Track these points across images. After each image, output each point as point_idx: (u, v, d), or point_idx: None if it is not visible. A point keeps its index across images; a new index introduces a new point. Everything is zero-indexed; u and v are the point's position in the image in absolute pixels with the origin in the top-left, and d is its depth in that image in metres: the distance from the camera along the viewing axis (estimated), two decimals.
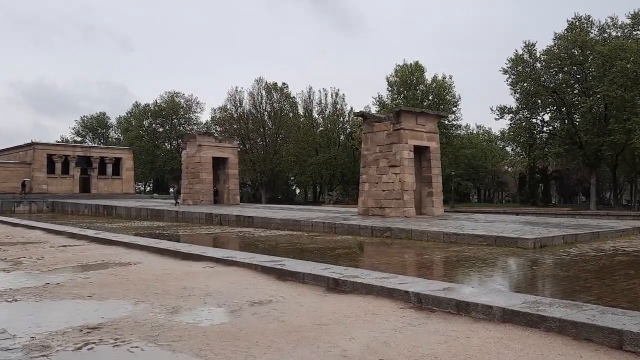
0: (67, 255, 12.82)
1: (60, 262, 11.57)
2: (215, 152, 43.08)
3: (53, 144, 61.14)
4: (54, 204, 46.53)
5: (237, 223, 28.05)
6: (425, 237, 19.30)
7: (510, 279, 9.87)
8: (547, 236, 17.52)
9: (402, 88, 69.08)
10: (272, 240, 19.03)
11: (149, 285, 8.50)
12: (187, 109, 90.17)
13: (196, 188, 42.30)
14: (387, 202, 28.23)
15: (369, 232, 21.34)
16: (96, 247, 14.66)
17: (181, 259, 11.57)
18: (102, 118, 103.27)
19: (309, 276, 8.35)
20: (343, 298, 7.31)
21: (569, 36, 52.26)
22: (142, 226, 28.32)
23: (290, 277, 8.71)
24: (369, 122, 29.94)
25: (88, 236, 16.80)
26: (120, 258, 12.13)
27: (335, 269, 8.88)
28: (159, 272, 9.80)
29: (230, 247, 16.29)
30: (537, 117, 56.41)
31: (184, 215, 32.60)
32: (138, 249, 13.42)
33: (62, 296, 7.79)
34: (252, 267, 9.69)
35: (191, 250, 12.03)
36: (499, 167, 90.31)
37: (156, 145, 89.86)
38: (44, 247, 14.60)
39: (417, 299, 6.61)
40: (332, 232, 22.85)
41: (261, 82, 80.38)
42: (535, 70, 53.76)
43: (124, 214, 37.89)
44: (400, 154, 27.97)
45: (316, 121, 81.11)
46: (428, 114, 29.33)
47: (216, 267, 10.12)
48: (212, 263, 10.59)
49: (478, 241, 17.73)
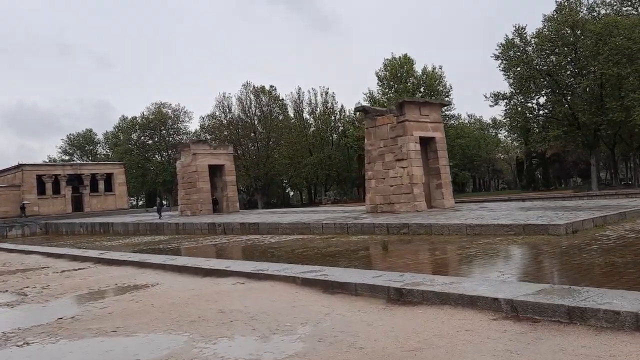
0: (75, 281, 11.63)
1: (68, 289, 10.40)
2: (210, 159, 41.85)
3: (42, 164, 59.53)
4: (47, 226, 45.02)
5: (242, 231, 26.96)
6: (447, 231, 18.36)
7: (581, 271, 8.80)
8: (577, 220, 16.65)
9: (393, 82, 68.11)
10: (285, 247, 17.97)
11: (180, 311, 7.38)
12: (175, 119, 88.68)
13: (194, 198, 41.04)
14: (397, 198, 27.25)
15: (385, 230, 20.36)
16: (103, 269, 13.46)
17: (203, 276, 10.44)
18: (89, 135, 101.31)
19: (362, 287, 7.27)
20: (414, 312, 6.25)
21: (558, 17, 51.58)
22: (143, 242, 27.10)
23: (339, 289, 7.63)
24: (371, 116, 28.94)
25: (92, 257, 15.55)
26: (134, 280, 10.98)
27: (389, 275, 7.81)
28: (185, 293, 8.67)
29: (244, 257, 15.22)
30: (532, 101, 55.72)
31: (184, 227, 31.40)
32: (152, 268, 12.25)
33: (81, 334, 6.64)
34: (290, 280, 8.58)
35: (213, 265, 10.89)
36: (493, 155, 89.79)
37: (146, 158, 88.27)
38: (47, 274, 13.39)
39: (510, 307, 5.57)
40: (345, 232, 21.86)
41: (249, 86, 79.19)
42: (527, 54, 53.02)
43: (121, 230, 36.61)
44: (407, 147, 26.99)
45: (307, 122, 79.97)
46: (432, 104, 28.38)
47: (248, 283, 9.01)
48: (242, 278, 9.47)
49: (504, 231, 16.83)
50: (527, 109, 55.35)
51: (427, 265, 10.61)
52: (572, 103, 51.59)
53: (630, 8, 50.59)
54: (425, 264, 10.85)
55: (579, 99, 49.76)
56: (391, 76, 68.12)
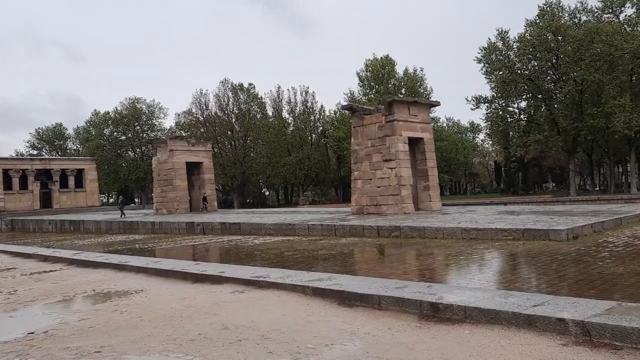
0: (46, 285, 10.35)
1: (39, 296, 9.16)
2: (188, 156, 40.44)
3: (8, 158, 56.95)
4: (13, 222, 42.91)
5: (223, 231, 25.84)
6: (441, 234, 17.65)
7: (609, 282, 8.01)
8: (577, 226, 16.13)
9: (374, 82, 67.53)
10: (272, 249, 16.97)
11: (176, 326, 6.31)
12: (149, 115, 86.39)
13: (170, 196, 39.59)
14: (384, 199, 26.50)
15: (375, 233, 19.55)
16: (78, 271, 12.18)
17: (194, 282, 9.33)
18: (59, 129, 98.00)
19: (388, 300, 6.32)
20: (459, 332, 5.31)
21: (541, 22, 51.72)
22: (117, 241, 25.69)
23: (358, 301, 6.66)
24: (359, 115, 28.13)
25: (64, 258, 14.18)
26: (114, 285, 9.79)
27: (415, 286, 6.87)
28: (177, 304, 7.56)
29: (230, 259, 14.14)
30: (513, 105, 55.76)
31: (161, 226, 30.03)
32: (133, 272, 11.05)
33: (58, 355, 5.51)
34: (298, 289, 7.56)
35: (204, 270, 9.76)
36: (470, 159, 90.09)
37: (119, 155, 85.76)
38: (14, 276, 12.03)
39: (581, 331, 4.69)
40: (333, 234, 20.99)
41: (227, 83, 77.60)
42: (509, 58, 53.00)
43: (93, 228, 34.96)
44: (395, 147, 26.25)
45: (286, 121, 78.77)
46: (420, 103, 27.69)
47: (248, 292, 7.95)
48: (240, 286, 8.39)
49: (502, 236, 16.20)
50: (508, 113, 55.40)
51: (434, 271, 9.72)
52: (553, 108, 51.79)
53: (610, 15, 51.00)
54: (431, 270, 9.97)
55: (560, 104, 49.91)
56: (372, 77, 67.55)
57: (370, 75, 68.19)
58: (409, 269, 10.28)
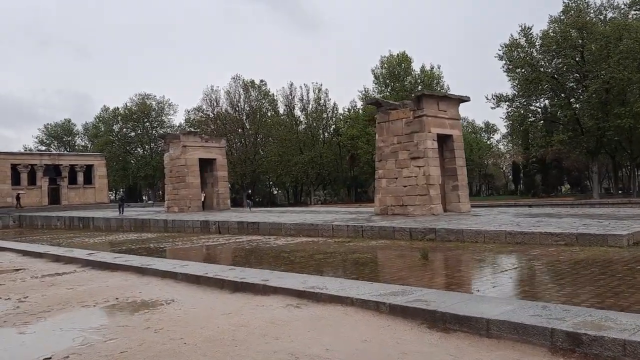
0: (61, 291, 9.01)
1: (54, 304, 7.81)
2: (201, 153, 39.12)
3: (17, 153, 55.88)
4: (21, 218, 41.74)
5: (240, 231, 24.55)
6: (482, 238, 16.25)
7: None
8: (637, 231, 14.71)
9: (389, 80, 65.98)
10: (299, 251, 15.63)
11: (232, 354, 4.89)
12: (159, 112, 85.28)
13: (182, 193, 38.28)
14: (410, 199, 25.08)
15: (407, 235, 18.18)
16: (95, 274, 10.84)
17: (232, 292, 7.96)
18: (68, 125, 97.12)
19: (501, 325, 4.90)
20: None
21: (565, 19, 50.02)
22: (129, 239, 24.41)
23: (457, 325, 5.23)
24: (384, 109, 26.69)
25: (79, 259, 12.83)
26: (139, 293, 8.44)
27: (525, 307, 5.43)
28: (223, 321, 6.16)
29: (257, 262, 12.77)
30: (535, 104, 54.06)
31: (174, 224, 28.76)
32: (158, 277, 9.68)
33: None
34: (369, 305, 6.13)
35: (243, 277, 8.33)
36: (485, 160, 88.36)
37: (128, 151, 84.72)
38: (24, 279, 10.70)
39: None
40: (360, 236, 19.64)
41: (238, 80, 76.35)
42: (532, 55, 51.31)
43: (103, 225, 33.74)
44: (424, 144, 24.80)
45: (298, 118, 77.38)
46: (450, 98, 26.23)
47: (305, 307, 6.53)
48: (292, 298, 6.99)
49: (553, 240, 14.78)
50: (530, 112, 53.72)
51: (522, 286, 8.25)
52: (577, 107, 50.11)
53: (638, 12, 49.24)
54: (509, 284, 8.53)
55: (586, 103, 48.16)
56: (388, 74, 65.98)
57: (385, 72, 66.66)
58: (471, 280, 8.84)
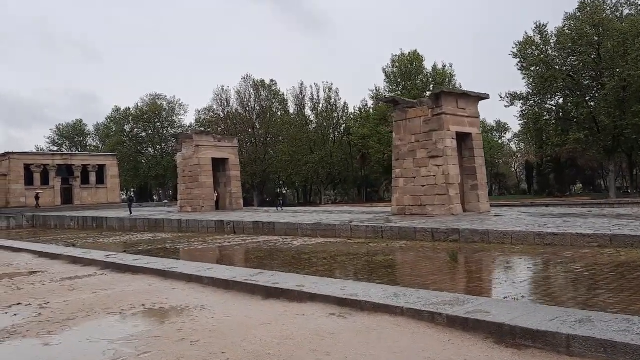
0: (83, 296, 8.64)
1: (77, 311, 7.44)
2: (214, 152, 38.86)
3: (30, 153, 55.94)
4: (34, 218, 41.69)
5: (255, 231, 24.23)
6: (509, 239, 15.78)
7: None
8: None
9: (401, 79, 65.38)
10: (320, 252, 15.25)
11: None
12: (170, 112, 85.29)
13: (195, 193, 38.03)
14: (429, 199, 24.58)
15: (429, 236, 17.75)
16: (117, 278, 10.50)
17: (265, 298, 7.57)
18: (79, 126, 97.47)
19: (586, 342, 4.36)
20: None
21: (581, 15, 49.23)
22: (144, 240, 24.19)
23: (530, 340, 4.66)
24: (401, 107, 26.22)
25: (98, 261, 12.46)
26: (167, 299, 8.05)
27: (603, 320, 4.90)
28: (264, 332, 5.65)
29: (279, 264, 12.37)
30: (550, 102, 53.23)
31: (188, 224, 28.51)
32: (183, 280, 9.28)
33: None
34: (423, 316, 5.59)
35: (275, 281, 7.88)
36: (497, 159, 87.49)
37: (139, 151, 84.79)
38: (43, 282, 10.35)
39: None
40: (379, 237, 19.25)
41: (249, 80, 76.08)
42: (547, 53, 50.53)
43: (116, 225, 33.58)
44: (443, 143, 24.30)
45: (309, 118, 76.98)
46: (469, 96, 25.69)
47: (350, 317, 6.00)
48: (333, 307, 6.50)
49: (585, 242, 14.28)
50: (545, 110, 52.93)
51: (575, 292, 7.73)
52: (593, 105, 49.28)
53: None
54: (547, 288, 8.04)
55: (602, 102, 47.33)
56: (399, 72, 65.37)
57: (397, 71, 66.05)
58: (514, 285, 8.34)
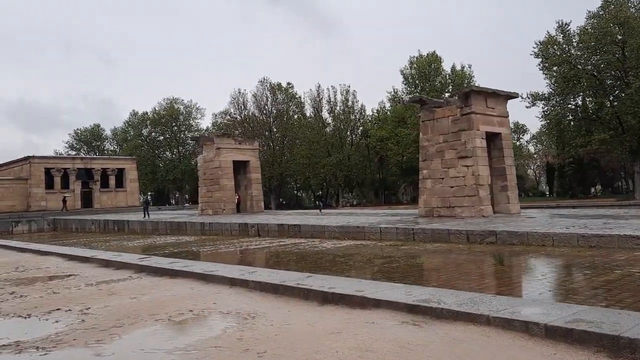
0: (124, 301, 8.29)
1: (123, 318, 7.07)
2: (235, 155, 38.63)
3: (50, 157, 56.32)
4: (55, 222, 41.77)
5: (280, 233, 23.86)
6: (550, 241, 15.21)
7: None
8: None
9: (419, 80, 64.77)
10: (354, 255, 14.82)
11: None
12: (187, 116, 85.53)
13: (216, 196, 37.82)
14: (458, 200, 24.04)
15: (464, 238, 17.22)
16: (155, 282, 10.14)
17: (321, 304, 7.16)
18: (97, 130, 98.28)
19: None
20: None
21: (605, 14, 48.32)
22: (169, 243, 23.94)
23: None
24: (428, 107, 25.73)
25: (131, 264, 12.13)
26: (214, 304, 7.64)
27: None
28: (338, 343, 5.14)
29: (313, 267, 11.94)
30: (573, 102, 52.29)
31: (211, 227, 28.26)
32: (225, 284, 8.91)
33: None
34: (514, 326, 5.01)
35: (331, 285, 7.40)
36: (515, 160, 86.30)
37: (156, 155, 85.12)
38: (79, 287, 10.03)
39: None
40: (411, 239, 18.74)
41: (265, 83, 75.99)
42: (570, 52, 49.65)
43: (138, 228, 33.46)
44: (472, 143, 23.76)
45: (326, 121, 76.63)
46: (499, 95, 25.12)
47: (427, 326, 5.51)
48: (403, 314, 5.97)
49: (634, 244, 13.71)
50: (568, 111, 51.99)
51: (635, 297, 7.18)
52: (617, 105, 48.27)
53: None
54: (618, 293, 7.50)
55: (627, 101, 46.33)
56: (418, 74, 64.78)
57: (415, 72, 65.47)
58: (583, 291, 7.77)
